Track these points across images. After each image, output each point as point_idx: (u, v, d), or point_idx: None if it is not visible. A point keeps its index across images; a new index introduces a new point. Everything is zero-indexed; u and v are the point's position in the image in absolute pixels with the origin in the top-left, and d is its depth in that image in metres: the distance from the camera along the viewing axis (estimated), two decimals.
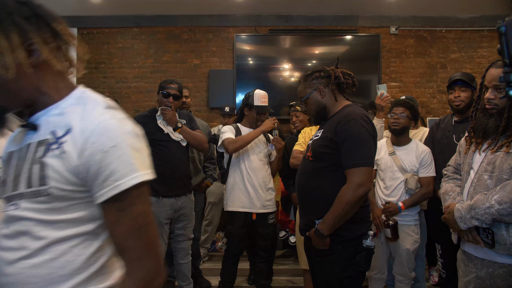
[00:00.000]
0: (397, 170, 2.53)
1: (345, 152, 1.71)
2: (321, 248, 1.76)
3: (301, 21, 5.10)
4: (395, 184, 2.53)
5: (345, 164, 1.71)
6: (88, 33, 5.20)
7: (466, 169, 1.66)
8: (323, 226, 1.72)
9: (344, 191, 1.69)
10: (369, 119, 1.76)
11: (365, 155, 1.70)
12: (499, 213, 1.41)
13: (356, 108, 1.82)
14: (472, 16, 5.01)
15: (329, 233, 1.71)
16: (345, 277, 1.76)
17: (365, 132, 1.71)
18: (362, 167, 1.69)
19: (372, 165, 1.75)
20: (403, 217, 2.51)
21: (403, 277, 2.56)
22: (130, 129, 0.85)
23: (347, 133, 1.71)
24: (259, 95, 2.79)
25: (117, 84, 5.18)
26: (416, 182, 2.49)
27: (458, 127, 2.48)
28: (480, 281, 1.53)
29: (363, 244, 1.75)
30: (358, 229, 1.77)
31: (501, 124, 1.53)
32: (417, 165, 2.52)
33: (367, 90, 4.97)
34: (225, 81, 4.98)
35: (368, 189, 1.71)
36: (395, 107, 2.61)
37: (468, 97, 2.45)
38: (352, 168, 1.69)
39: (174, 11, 5.01)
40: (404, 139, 2.60)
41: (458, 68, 5.01)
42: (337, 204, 1.69)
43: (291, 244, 3.85)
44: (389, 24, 5.08)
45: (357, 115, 1.74)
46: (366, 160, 1.70)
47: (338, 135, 1.73)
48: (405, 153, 2.56)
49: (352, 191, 1.67)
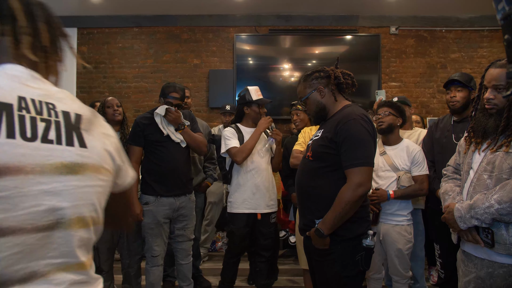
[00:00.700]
0: (389, 169, 2.55)
1: (345, 152, 1.71)
2: (321, 247, 1.77)
3: (301, 21, 5.10)
4: (387, 183, 2.55)
5: (345, 164, 1.72)
6: (88, 33, 5.20)
7: (465, 169, 1.66)
8: (323, 225, 1.72)
9: (344, 190, 1.69)
10: (368, 119, 1.77)
11: (365, 155, 1.70)
12: (498, 212, 1.41)
13: (355, 108, 1.82)
14: (472, 16, 5.01)
15: (329, 233, 1.72)
16: (345, 276, 1.75)
17: (365, 132, 1.72)
18: (362, 166, 1.69)
19: (372, 164, 1.75)
20: (395, 217, 2.51)
21: (399, 277, 2.56)
22: None
23: (347, 133, 1.71)
24: (254, 89, 2.80)
25: (117, 84, 5.18)
26: (409, 180, 2.50)
27: (457, 127, 2.48)
28: (480, 281, 1.53)
29: (363, 243, 1.75)
30: (357, 228, 1.77)
31: (500, 124, 1.53)
32: (408, 164, 2.54)
33: (367, 90, 4.97)
34: (225, 81, 4.98)
35: (367, 189, 1.71)
36: (379, 109, 2.64)
37: (465, 97, 2.46)
38: (352, 168, 1.69)
39: (174, 11, 5.01)
40: (395, 138, 2.61)
41: (458, 68, 5.01)
42: (337, 203, 1.69)
43: (291, 244, 3.85)
44: (389, 24, 5.09)
45: (357, 115, 1.74)
46: (365, 159, 1.70)
47: (338, 135, 1.73)
48: (396, 152, 2.58)
49: (352, 190, 1.67)
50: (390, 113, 2.56)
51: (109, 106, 2.75)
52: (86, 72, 5.21)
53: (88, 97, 5.12)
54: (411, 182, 2.50)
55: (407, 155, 2.54)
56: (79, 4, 4.76)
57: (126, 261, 2.79)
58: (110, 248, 2.69)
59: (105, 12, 5.00)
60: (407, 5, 4.74)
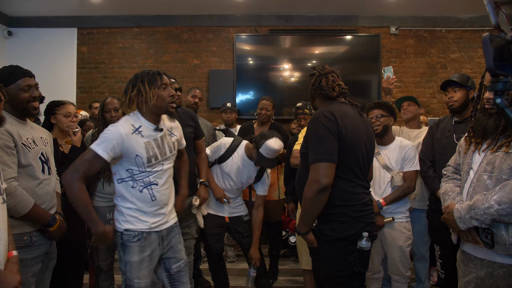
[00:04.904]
0: (384, 169, 2.56)
1: (309, 150, 1.76)
2: (310, 245, 1.84)
3: (301, 21, 5.10)
4: (383, 183, 2.55)
5: (309, 163, 1.75)
6: (88, 33, 5.20)
7: (465, 169, 1.66)
8: (299, 223, 1.82)
9: (305, 188, 1.72)
10: (333, 116, 1.73)
11: (321, 151, 1.69)
12: (498, 213, 1.41)
13: (325, 108, 1.81)
14: (472, 16, 5.01)
15: (304, 231, 1.78)
16: (336, 276, 1.77)
17: (323, 128, 1.71)
18: (317, 163, 1.69)
19: (329, 160, 1.69)
20: (394, 215, 2.53)
21: (399, 276, 2.56)
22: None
23: (308, 132, 1.78)
24: (270, 150, 2.49)
25: (117, 84, 5.19)
26: (402, 179, 2.52)
27: (458, 127, 2.48)
28: (480, 281, 1.53)
29: (357, 245, 1.75)
30: (347, 229, 1.75)
31: (500, 124, 1.53)
32: (402, 162, 2.55)
33: (367, 90, 4.97)
34: (225, 81, 4.98)
35: (324, 184, 1.66)
36: (369, 112, 2.61)
37: (463, 97, 2.47)
38: (311, 165, 1.72)
39: (174, 11, 5.01)
40: (388, 138, 2.61)
41: (458, 68, 5.01)
42: (302, 201, 1.75)
43: (291, 244, 3.85)
44: (389, 24, 5.09)
45: (320, 113, 1.76)
46: (320, 156, 1.69)
47: (307, 134, 1.81)
48: (389, 152, 2.59)
49: (308, 187, 1.70)
50: (382, 115, 2.55)
51: (107, 111, 2.69)
52: (86, 72, 5.21)
53: (88, 97, 5.13)
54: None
55: (400, 153, 2.55)
56: (79, 4, 4.76)
57: None
58: (109, 248, 2.68)
59: (105, 12, 5.01)
60: (407, 5, 4.74)
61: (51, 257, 1.98)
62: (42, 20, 5.12)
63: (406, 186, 2.50)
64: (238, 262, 3.90)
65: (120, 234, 1.86)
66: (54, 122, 2.45)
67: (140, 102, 1.86)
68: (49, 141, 2.06)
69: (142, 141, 1.82)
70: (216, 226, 2.77)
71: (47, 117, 2.47)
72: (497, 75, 0.89)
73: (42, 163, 1.90)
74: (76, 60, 5.20)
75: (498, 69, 0.86)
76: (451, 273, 2.37)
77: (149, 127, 1.87)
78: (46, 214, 1.86)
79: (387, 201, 2.48)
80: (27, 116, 1.94)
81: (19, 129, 1.83)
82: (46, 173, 1.93)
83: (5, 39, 5.08)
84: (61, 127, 2.44)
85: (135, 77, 1.91)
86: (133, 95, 1.86)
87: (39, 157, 1.89)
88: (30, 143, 1.86)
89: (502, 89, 0.90)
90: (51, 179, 1.98)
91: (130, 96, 1.86)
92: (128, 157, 1.79)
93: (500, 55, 0.86)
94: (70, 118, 2.45)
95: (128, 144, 1.77)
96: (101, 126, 2.70)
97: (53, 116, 2.45)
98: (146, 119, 1.87)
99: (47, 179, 1.92)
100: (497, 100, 0.91)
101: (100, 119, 2.68)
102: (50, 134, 2.15)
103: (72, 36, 5.18)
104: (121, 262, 1.87)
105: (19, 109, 1.86)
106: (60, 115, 2.44)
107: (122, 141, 1.75)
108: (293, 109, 3.39)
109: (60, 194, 2.10)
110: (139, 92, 1.85)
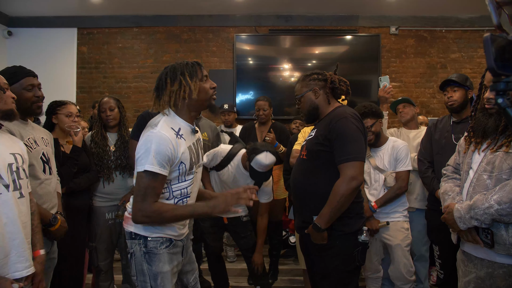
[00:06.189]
0: (376, 171, 2.57)
1: (337, 148, 1.79)
2: (319, 242, 1.83)
3: (301, 21, 5.10)
4: (376, 184, 2.56)
5: (338, 160, 1.78)
6: (88, 33, 5.20)
7: (465, 169, 1.66)
8: (320, 220, 1.79)
9: (338, 184, 1.75)
10: (359, 118, 1.86)
11: (357, 150, 1.77)
12: (498, 213, 1.41)
13: (346, 108, 1.92)
14: (472, 16, 5.02)
15: (326, 227, 1.78)
16: (343, 271, 1.82)
17: (355, 129, 1.80)
18: (354, 161, 1.76)
19: (363, 159, 1.82)
20: (391, 215, 2.54)
21: (402, 281, 2.54)
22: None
23: (339, 130, 1.79)
24: (263, 165, 2.37)
25: (117, 84, 5.19)
26: (394, 179, 2.53)
27: (456, 128, 2.49)
28: (480, 281, 1.53)
29: (359, 239, 1.83)
30: (354, 224, 1.85)
31: (500, 124, 1.53)
32: (394, 162, 2.56)
33: (367, 90, 4.97)
34: (225, 81, 4.98)
35: (360, 182, 1.77)
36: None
37: (461, 97, 2.47)
38: (345, 163, 1.76)
39: (174, 11, 5.01)
40: (381, 140, 2.62)
41: (458, 68, 5.02)
42: (332, 197, 1.76)
43: (291, 244, 3.85)
44: (389, 24, 5.09)
45: (347, 114, 1.83)
46: (357, 154, 1.77)
47: (331, 132, 1.81)
48: (382, 153, 2.60)
49: (346, 184, 1.74)
50: (372, 124, 2.54)
51: (103, 111, 2.69)
52: (86, 72, 5.21)
53: (88, 97, 5.13)
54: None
55: (393, 154, 2.56)
56: (79, 4, 4.76)
57: (126, 261, 2.78)
58: (108, 248, 2.68)
59: (105, 12, 5.00)
60: (407, 5, 4.74)
61: (52, 256, 1.98)
62: (42, 20, 5.12)
63: (397, 187, 2.51)
64: (238, 262, 3.89)
65: (143, 241, 1.54)
66: (56, 122, 2.45)
67: (178, 97, 1.58)
68: (49, 141, 2.06)
69: (185, 146, 1.56)
70: (214, 226, 2.77)
71: (49, 117, 2.47)
72: (499, 75, 0.89)
73: (43, 163, 1.91)
74: (76, 60, 5.19)
75: (499, 69, 0.86)
76: (450, 273, 2.37)
77: (187, 128, 1.63)
78: (47, 214, 1.86)
79: (379, 203, 2.50)
80: (30, 115, 1.96)
81: (21, 129, 1.84)
82: (47, 173, 1.93)
83: (5, 39, 5.08)
84: (62, 127, 2.45)
85: (172, 70, 1.63)
86: (176, 90, 1.58)
87: (40, 157, 1.90)
88: (32, 143, 1.87)
89: (504, 89, 0.90)
90: (52, 179, 1.98)
91: (171, 91, 1.58)
92: (173, 166, 1.53)
93: (501, 55, 0.86)
94: (72, 118, 2.46)
95: (178, 152, 1.52)
96: (99, 127, 2.71)
97: (55, 116, 2.45)
98: (183, 119, 1.62)
99: (48, 179, 1.93)
100: (498, 100, 0.91)
101: (97, 120, 2.69)
102: (51, 134, 2.15)
103: (72, 36, 5.18)
104: (142, 277, 1.53)
105: (23, 108, 1.87)
106: (61, 115, 2.44)
107: (173, 149, 1.49)
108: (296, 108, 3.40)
109: (60, 194, 2.10)
110: (180, 87, 1.58)
